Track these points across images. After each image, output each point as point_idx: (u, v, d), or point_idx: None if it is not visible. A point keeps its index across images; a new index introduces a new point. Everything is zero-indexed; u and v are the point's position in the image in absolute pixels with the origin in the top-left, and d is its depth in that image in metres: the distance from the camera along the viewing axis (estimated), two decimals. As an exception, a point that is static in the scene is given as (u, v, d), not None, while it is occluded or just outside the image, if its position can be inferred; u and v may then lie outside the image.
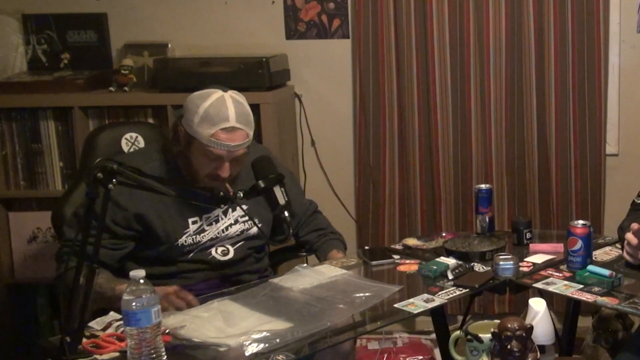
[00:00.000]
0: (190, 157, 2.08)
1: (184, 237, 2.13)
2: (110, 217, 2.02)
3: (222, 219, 2.19)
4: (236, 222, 2.21)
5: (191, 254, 2.16)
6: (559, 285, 2.01)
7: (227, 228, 2.19)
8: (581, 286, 1.98)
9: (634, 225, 2.01)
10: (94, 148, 2.37)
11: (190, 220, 2.14)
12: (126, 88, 3.07)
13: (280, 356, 1.61)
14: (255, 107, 2.93)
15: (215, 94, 2.04)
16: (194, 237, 2.14)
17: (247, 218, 2.20)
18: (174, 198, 2.04)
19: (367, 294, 1.93)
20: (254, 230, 2.22)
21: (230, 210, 2.21)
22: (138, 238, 2.11)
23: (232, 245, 2.22)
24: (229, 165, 2.06)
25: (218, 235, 2.18)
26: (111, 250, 2.06)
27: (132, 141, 2.41)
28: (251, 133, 2.08)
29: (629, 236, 2.04)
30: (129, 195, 2.01)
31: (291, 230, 2.03)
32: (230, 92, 2.07)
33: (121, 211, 2.05)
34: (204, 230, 2.16)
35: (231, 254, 2.20)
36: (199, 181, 2.08)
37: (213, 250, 2.18)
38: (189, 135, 2.04)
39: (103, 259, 1.98)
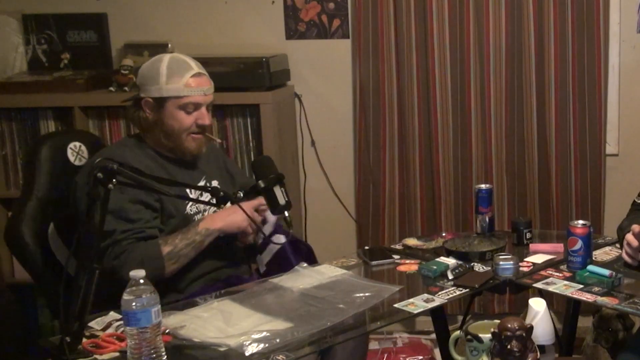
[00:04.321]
0: (166, 122, 2.12)
1: (188, 207, 2.15)
2: (139, 196, 2.03)
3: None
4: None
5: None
6: (559, 285, 2.01)
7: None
8: (581, 286, 1.98)
9: (635, 227, 2.01)
10: (39, 161, 2.21)
11: (187, 191, 2.17)
12: (126, 88, 3.06)
13: (280, 356, 1.61)
14: (255, 107, 2.96)
15: (164, 55, 2.15)
16: (197, 206, 2.17)
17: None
18: (169, 176, 2.09)
19: (367, 294, 1.93)
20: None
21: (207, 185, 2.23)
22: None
23: None
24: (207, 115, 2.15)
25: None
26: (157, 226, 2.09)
27: (76, 150, 2.32)
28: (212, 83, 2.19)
29: (629, 238, 2.04)
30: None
31: (292, 230, 2.03)
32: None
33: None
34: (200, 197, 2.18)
35: None
36: (182, 143, 2.13)
37: None
38: (160, 99, 2.10)
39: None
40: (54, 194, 2.18)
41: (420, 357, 3.02)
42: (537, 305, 1.73)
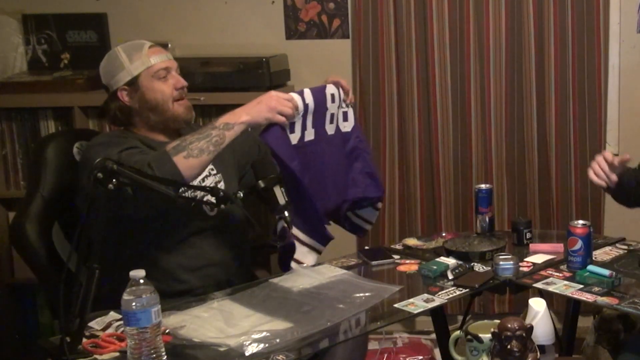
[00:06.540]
0: (148, 97, 2.14)
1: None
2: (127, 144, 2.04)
3: None
4: (209, 174, 2.22)
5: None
6: (559, 285, 2.01)
7: (203, 180, 2.17)
8: (581, 286, 1.98)
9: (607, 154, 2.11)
10: (45, 160, 2.21)
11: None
12: (126, 88, 3.06)
13: (280, 356, 1.61)
14: (255, 107, 2.95)
15: (114, 49, 2.22)
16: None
17: (216, 172, 2.22)
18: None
19: (367, 294, 1.93)
20: (222, 184, 2.21)
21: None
22: None
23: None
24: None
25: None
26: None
27: (82, 149, 2.29)
28: None
29: (605, 154, 2.12)
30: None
31: (291, 230, 2.03)
32: None
33: None
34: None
35: (214, 211, 2.19)
36: (171, 112, 2.15)
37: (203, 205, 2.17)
38: (132, 81, 2.14)
39: None
40: (59, 193, 2.18)
41: (420, 357, 3.02)
42: (537, 305, 1.73)
